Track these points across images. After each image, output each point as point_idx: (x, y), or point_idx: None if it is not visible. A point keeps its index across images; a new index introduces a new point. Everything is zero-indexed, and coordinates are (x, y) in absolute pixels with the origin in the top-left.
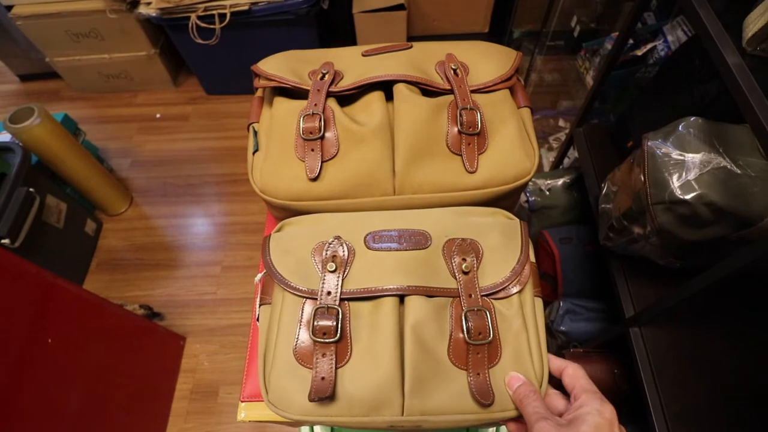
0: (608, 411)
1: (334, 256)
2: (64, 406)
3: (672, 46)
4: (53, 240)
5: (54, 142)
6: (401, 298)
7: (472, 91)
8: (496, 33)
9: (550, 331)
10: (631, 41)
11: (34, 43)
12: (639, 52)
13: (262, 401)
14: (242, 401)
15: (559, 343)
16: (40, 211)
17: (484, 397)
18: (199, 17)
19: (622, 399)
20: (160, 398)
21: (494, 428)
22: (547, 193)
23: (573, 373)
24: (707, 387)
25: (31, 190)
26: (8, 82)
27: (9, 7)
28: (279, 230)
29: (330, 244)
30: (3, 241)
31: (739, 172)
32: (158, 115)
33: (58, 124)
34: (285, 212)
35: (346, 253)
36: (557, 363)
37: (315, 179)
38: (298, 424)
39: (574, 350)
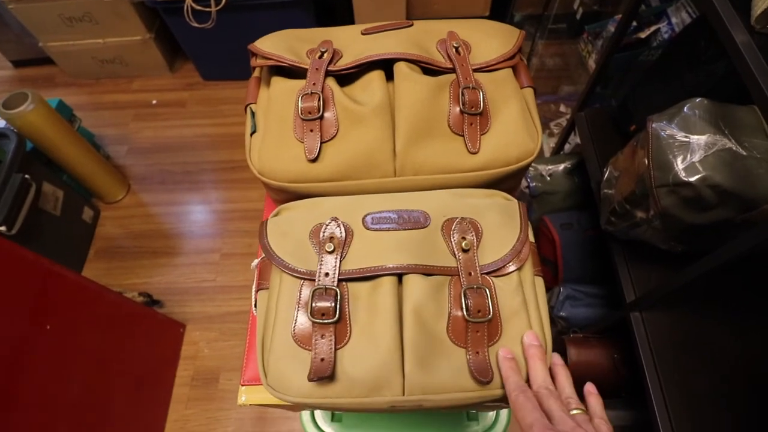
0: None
1: (332, 236)
2: (64, 392)
3: (676, 28)
4: (51, 227)
5: (49, 128)
6: (400, 278)
7: (474, 70)
8: (497, 16)
9: (551, 316)
10: (634, 24)
11: (27, 28)
12: (642, 35)
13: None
14: (242, 385)
15: (559, 329)
16: (37, 198)
17: (483, 374)
18: (195, 0)
19: (622, 384)
20: (161, 385)
21: (494, 412)
22: (548, 178)
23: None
24: (708, 372)
25: (26, 176)
26: (2, 68)
27: None
28: (276, 215)
29: (327, 225)
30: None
31: (744, 153)
32: (154, 102)
33: (53, 110)
34: (284, 195)
35: (343, 233)
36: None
37: (314, 160)
38: (298, 407)
39: (574, 336)
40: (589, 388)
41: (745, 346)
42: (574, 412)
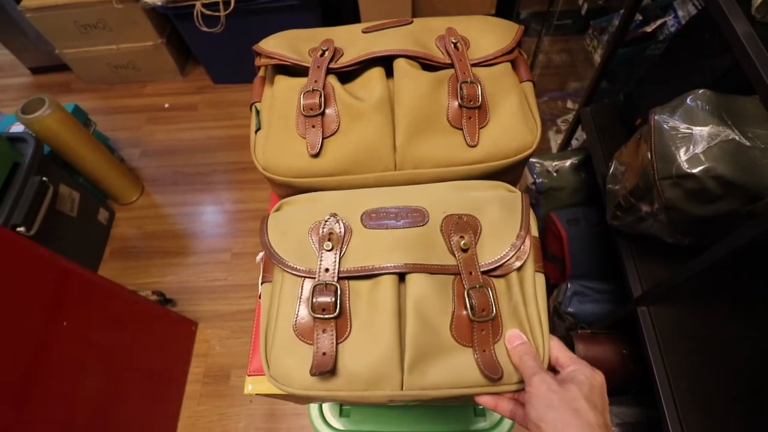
0: (600, 376)
1: (331, 233)
2: (80, 387)
3: (682, 21)
4: (67, 228)
5: (65, 132)
6: (401, 276)
7: (473, 65)
8: (503, 14)
9: (558, 312)
10: (640, 18)
11: (44, 35)
12: (649, 29)
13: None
14: (249, 375)
15: (567, 325)
16: (54, 200)
17: (493, 371)
18: (204, 5)
19: (631, 379)
20: (174, 382)
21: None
22: (555, 174)
23: (554, 345)
24: (716, 365)
25: (44, 179)
26: (20, 75)
27: (18, 0)
28: (278, 210)
29: (326, 222)
30: (19, 228)
31: (748, 144)
32: (167, 105)
33: (69, 115)
34: (287, 189)
35: (342, 230)
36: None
37: (316, 155)
38: (304, 400)
39: (581, 331)
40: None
41: (755, 339)
42: None
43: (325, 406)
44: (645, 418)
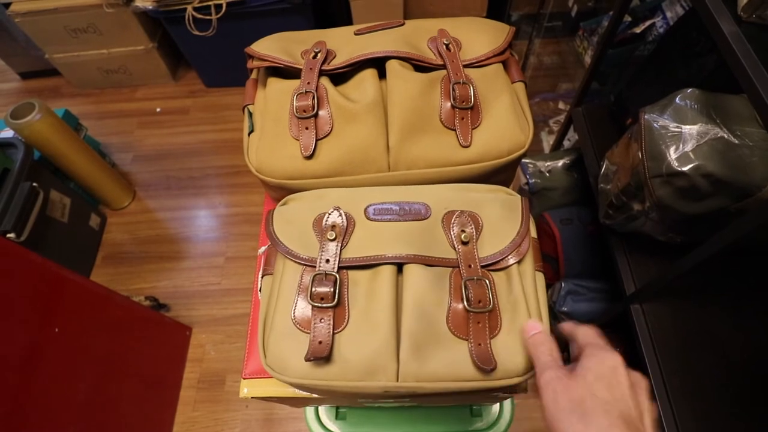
0: (610, 358)
1: (334, 225)
2: (73, 394)
3: (671, 22)
4: (59, 234)
5: (56, 137)
6: (399, 268)
7: (465, 66)
8: (494, 16)
9: (553, 312)
10: (629, 19)
11: (33, 40)
12: (638, 30)
13: (264, 378)
14: (244, 378)
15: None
16: (45, 205)
17: (485, 363)
18: (195, 9)
19: None
20: (168, 387)
21: (497, 407)
22: (548, 174)
23: (585, 332)
24: (709, 362)
25: (34, 184)
26: (10, 80)
27: (7, 5)
28: (284, 204)
29: (330, 214)
30: (9, 235)
31: (737, 142)
32: (159, 110)
33: (59, 119)
34: (281, 191)
35: (345, 222)
36: (569, 327)
37: (310, 157)
38: (300, 402)
39: None
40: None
41: (747, 336)
42: None
43: (321, 409)
44: None
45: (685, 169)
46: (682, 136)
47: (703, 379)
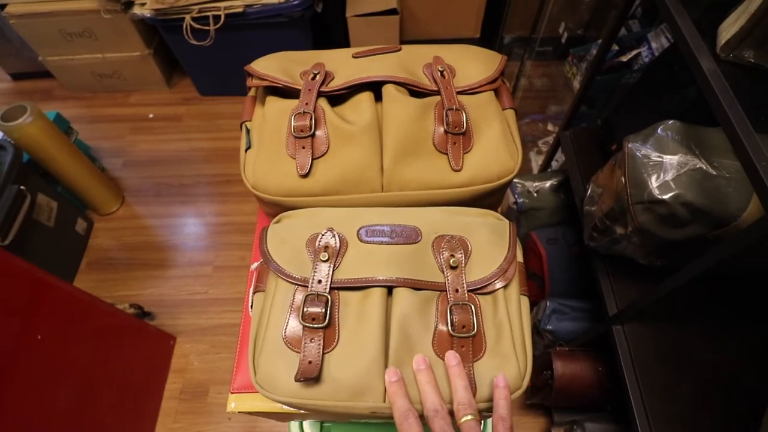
0: None
1: (327, 246)
2: (53, 402)
3: (656, 52)
4: (44, 238)
5: (46, 141)
6: (390, 290)
7: (459, 93)
8: (488, 38)
9: (537, 330)
10: (617, 48)
11: (27, 42)
12: (624, 58)
13: (252, 393)
14: (232, 392)
15: (546, 343)
16: (31, 209)
17: None
18: (194, 18)
19: (607, 396)
20: (149, 398)
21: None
22: (535, 194)
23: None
24: (688, 384)
25: (22, 188)
26: (0, 81)
27: (2, 6)
28: (278, 221)
29: (323, 234)
30: None
31: (714, 173)
32: (151, 115)
33: (51, 123)
34: (276, 208)
35: (338, 243)
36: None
37: (305, 176)
38: (286, 417)
39: (560, 349)
40: (496, 380)
41: (724, 357)
42: (466, 418)
43: (306, 424)
44: None
45: (665, 197)
46: (663, 166)
47: (682, 399)
